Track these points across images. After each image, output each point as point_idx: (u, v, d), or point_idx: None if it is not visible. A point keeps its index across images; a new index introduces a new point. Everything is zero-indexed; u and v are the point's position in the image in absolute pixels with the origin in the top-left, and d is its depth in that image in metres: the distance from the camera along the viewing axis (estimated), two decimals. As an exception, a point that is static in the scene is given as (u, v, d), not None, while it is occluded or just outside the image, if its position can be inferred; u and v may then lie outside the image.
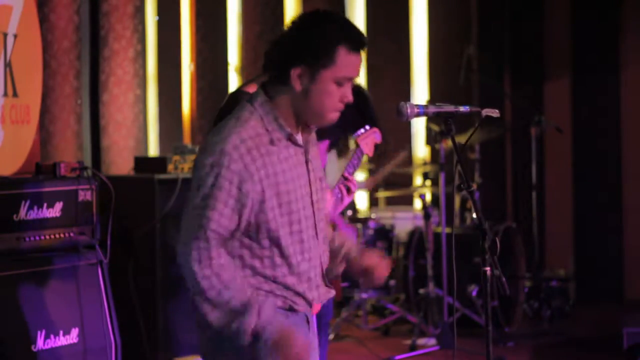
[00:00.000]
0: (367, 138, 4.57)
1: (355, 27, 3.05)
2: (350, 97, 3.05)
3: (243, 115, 3.02)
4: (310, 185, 3.11)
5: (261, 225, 2.99)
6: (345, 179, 4.34)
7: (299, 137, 3.10)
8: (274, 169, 2.99)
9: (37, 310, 4.30)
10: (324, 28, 2.99)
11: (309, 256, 3.10)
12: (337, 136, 5.44)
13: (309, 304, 3.15)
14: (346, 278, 7.63)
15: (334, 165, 6.14)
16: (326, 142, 5.13)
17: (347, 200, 4.34)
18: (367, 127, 4.65)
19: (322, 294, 3.19)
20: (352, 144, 4.75)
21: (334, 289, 3.31)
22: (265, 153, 2.99)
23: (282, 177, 3.01)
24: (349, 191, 4.31)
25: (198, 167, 2.99)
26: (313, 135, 3.19)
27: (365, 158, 5.97)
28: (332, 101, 3.02)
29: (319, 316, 5.33)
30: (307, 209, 3.09)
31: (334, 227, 5.89)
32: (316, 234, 3.13)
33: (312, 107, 3.02)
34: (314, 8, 3.13)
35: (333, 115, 3.06)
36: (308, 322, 3.19)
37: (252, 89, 4.11)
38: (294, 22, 3.05)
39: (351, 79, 3.04)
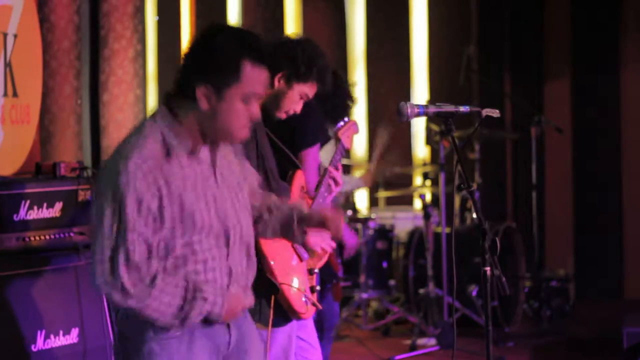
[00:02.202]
0: (347, 131, 4.57)
1: (259, 39, 2.95)
2: (258, 114, 2.95)
3: (144, 131, 2.92)
4: (220, 200, 3.00)
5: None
6: (331, 172, 4.35)
7: (204, 152, 2.99)
8: (172, 183, 2.90)
9: (37, 310, 4.30)
10: (227, 43, 2.89)
11: (212, 265, 2.99)
12: (326, 137, 5.43)
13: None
14: (347, 277, 7.63)
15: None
16: (317, 145, 5.13)
17: (336, 190, 4.35)
18: (346, 119, 4.65)
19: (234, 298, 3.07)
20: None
21: (336, 291, 3.32)
22: (166, 168, 2.89)
23: (178, 191, 2.91)
24: (337, 183, 4.33)
25: (100, 185, 2.92)
26: (226, 148, 3.09)
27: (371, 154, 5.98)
28: (240, 119, 2.92)
29: (321, 320, 5.32)
30: (212, 220, 2.98)
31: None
32: (227, 243, 3.02)
33: (220, 126, 2.92)
34: (315, 8, 3.14)
35: (242, 133, 2.96)
36: (228, 326, 3.08)
37: None
38: (196, 38, 2.95)
39: (257, 96, 2.94)
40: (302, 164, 5.12)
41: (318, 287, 3.98)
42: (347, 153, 4.69)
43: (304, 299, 3.81)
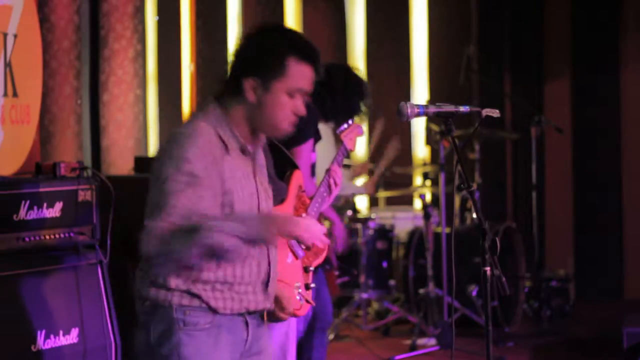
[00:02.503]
0: (351, 133, 4.61)
1: (306, 39, 3.12)
2: (302, 110, 3.11)
3: (196, 124, 3.05)
4: (257, 195, 3.15)
5: None
6: (330, 172, 4.36)
7: (250, 148, 3.15)
8: (226, 175, 3.03)
9: (37, 310, 4.30)
10: (275, 40, 3.07)
11: (249, 262, 3.11)
12: (319, 135, 5.44)
13: (248, 307, 3.14)
14: (345, 273, 7.63)
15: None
16: (311, 141, 5.14)
17: (335, 192, 4.37)
18: (350, 122, 4.68)
19: (260, 301, 3.17)
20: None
21: (331, 281, 3.36)
22: (219, 159, 3.03)
23: (231, 185, 3.05)
24: (336, 184, 4.35)
25: (158, 177, 3.02)
26: (261, 150, 3.25)
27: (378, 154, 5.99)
28: (285, 113, 3.09)
29: (314, 318, 5.30)
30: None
31: (329, 221, 5.89)
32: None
33: (265, 118, 3.08)
34: (315, 8, 3.19)
35: (286, 127, 3.12)
36: (247, 324, 3.16)
37: None
38: (245, 35, 3.14)
39: (302, 91, 3.10)
40: (297, 159, 5.14)
41: (313, 285, 4.00)
42: (348, 154, 4.71)
43: (298, 297, 3.82)
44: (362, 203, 9.04)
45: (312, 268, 4.02)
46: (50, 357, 4.31)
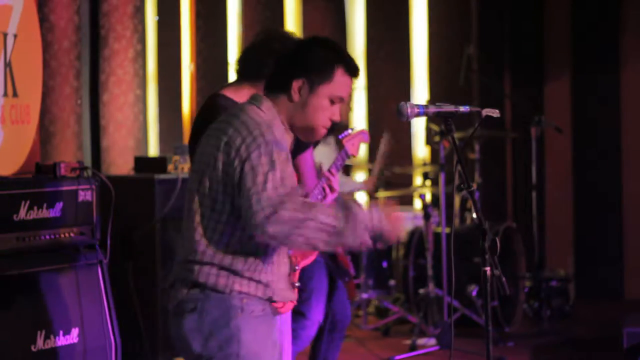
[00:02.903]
0: (354, 139, 4.64)
1: (353, 57, 3.35)
2: (338, 117, 3.29)
3: (261, 115, 3.22)
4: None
5: None
6: (328, 177, 4.38)
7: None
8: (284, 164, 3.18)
9: (37, 310, 4.30)
10: (327, 49, 3.31)
11: (283, 255, 3.31)
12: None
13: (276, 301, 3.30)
14: (356, 276, 7.62)
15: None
16: (311, 148, 5.16)
17: (330, 198, 4.38)
18: (356, 127, 4.73)
19: (287, 295, 3.34)
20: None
21: (350, 289, 3.46)
22: (282, 148, 3.19)
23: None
24: (332, 189, 4.37)
25: (252, 158, 3.11)
26: None
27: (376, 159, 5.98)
28: (324, 116, 3.27)
29: (334, 321, 5.32)
30: None
31: None
32: None
33: (306, 118, 3.27)
34: (315, 8, 3.26)
35: (321, 131, 3.30)
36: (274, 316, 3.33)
37: (229, 92, 4.13)
38: (299, 41, 3.45)
39: (342, 100, 3.28)
40: (298, 169, 5.14)
41: (298, 284, 4.01)
42: (350, 158, 4.72)
43: None
44: (362, 203, 9.03)
45: (297, 267, 4.04)
46: (50, 357, 4.32)
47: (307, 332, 5.20)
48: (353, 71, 3.31)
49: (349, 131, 4.69)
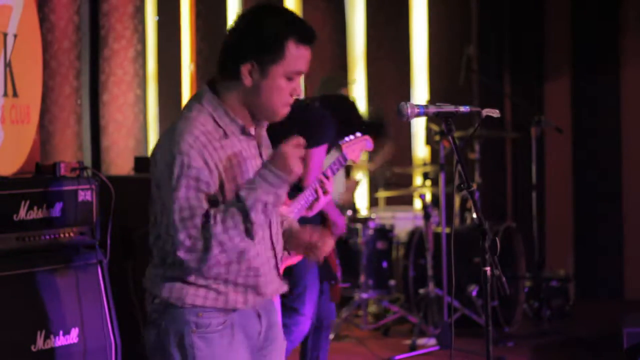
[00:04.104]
0: (354, 145, 4.61)
1: (303, 20, 3.04)
2: (299, 90, 3.05)
3: (191, 115, 2.99)
4: None
5: None
6: (321, 180, 4.36)
7: (252, 130, 3.08)
8: (230, 161, 2.97)
9: (37, 310, 4.30)
10: (272, 22, 2.97)
11: (260, 247, 3.07)
12: (333, 140, 5.48)
13: (261, 296, 3.09)
14: (347, 279, 7.63)
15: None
16: (325, 146, 5.16)
17: (323, 200, 4.36)
18: (358, 134, 4.68)
19: (274, 287, 3.14)
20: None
21: (335, 292, 3.36)
22: (219, 147, 2.96)
23: (237, 169, 2.99)
24: (325, 192, 4.34)
25: (159, 172, 2.95)
26: (264, 131, 3.18)
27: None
28: (282, 96, 3.00)
29: (320, 319, 5.36)
30: None
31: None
32: (269, 223, 3.10)
33: (262, 102, 3.00)
34: (315, 8, 3.18)
35: (283, 110, 3.04)
36: (259, 316, 3.13)
37: None
38: (240, 18, 3.03)
39: (300, 73, 3.02)
40: (307, 160, 5.16)
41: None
42: (348, 164, 4.71)
43: None
44: (362, 203, 9.04)
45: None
46: (50, 357, 4.31)
47: (300, 328, 5.22)
48: (307, 39, 3.00)
49: (351, 137, 4.66)
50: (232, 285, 3.01)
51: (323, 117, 5.28)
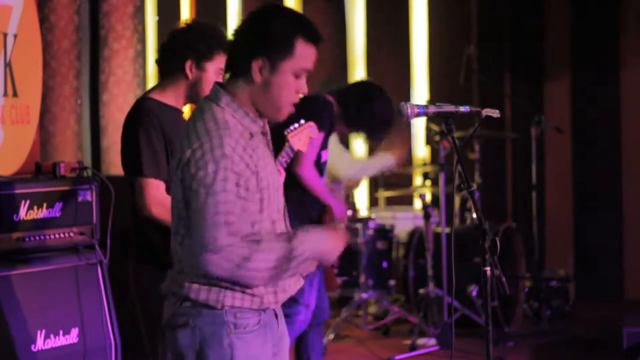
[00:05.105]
0: (300, 134, 4.52)
1: (310, 20, 3.11)
2: (305, 89, 3.09)
3: (218, 117, 3.01)
4: (276, 173, 3.15)
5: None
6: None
7: (266, 128, 3.13)
8: (258, 162, 3.00)
9: (37, 310, 4.30)
10: (281, 21, 3.05)
11: None
12: (331, 128, 5.48)
13: (286, 293, 3.14)
14: (344, 272, 7.63)
15: (341, 155, 6.13)
16: (322, 134, 5.17)
17: None
18: (302, 121, 4.59)
19: (296, 283, 3.18)
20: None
21: (330, 278, 3.37)
22: (251, 150, 3.00)
23: (262, 171, 3.02)
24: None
25: (199, 177, 2.93)
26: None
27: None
28: (290, 93, 3.05)
29: (313, 316, 5.36)
30: (276, 197, 3.11)
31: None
32: (284, 220, 3.15)
33: (271, 98, 3.05)
34: (315, 8, 3.19)
35: (289, 109, 3.08)
36: (277, 316, 3.17)
37: (156, 95, 4.10)
38: (249, 18, 3.09)
39: (307, 71, 3.08)
40: (299, 159, 5.15)
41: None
42: (295, 155, 4.63)
43: None
44: (362, 203, 9.04)
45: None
46: (50, 357, 4.31)
47: (301, 317, 5.22)
48: (314, 38, 3.07)
49: (295, 125, 4.56)
50: (264, 287, 3.05)
51: (324, 105, 5.30)
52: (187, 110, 4.40)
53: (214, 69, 4.05)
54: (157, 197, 3.92)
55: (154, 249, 3.96)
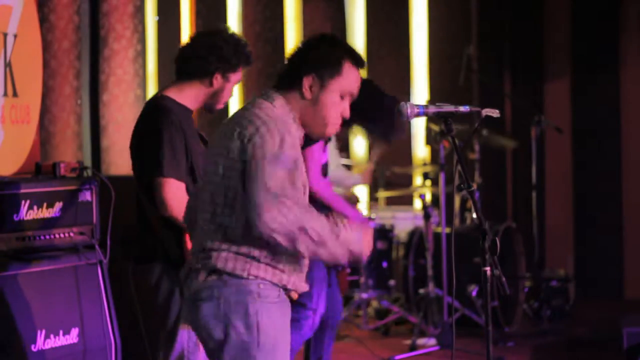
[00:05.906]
0: None
1: (356, 48, 3.43)
2: (348, 113, 3.32)
3: (274, 111, 3.26)
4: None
5: None
6: None
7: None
8: (300, 159, 3.25)
9: (37, 310, 4.30)
10: (333, 44, 3.38)
11: None
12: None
13: (301, 279, 3.35)
14: (355, 272, 7.62)
15: (335, 159, 6.14)
16: (321, 142, 5.16)
17: None
18: None
19: (302, 285, 3.36)
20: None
21: (342, 280, 3.45)
22: (298, 145, 3.26)
23: (302, 169, 3.26)
24: None
25: (266, 145, 3.15)
26: None
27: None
28: (335, 113, 3.32)
29: (325, 317, 5.34)
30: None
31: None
32: None
33: (318, 115, 3.31)
34: (315, 7, 3.27)
35: (333, 128, 3.34)
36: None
37: (172, 93, 4.13)
38: (304, 41, 3.42)
39: (351, 95, 3.34)
40: (306, 161, 5.14)
41: None
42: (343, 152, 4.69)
43: None
44: (361, 203, 9.04)
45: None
46: (50, 357, 4.32)
47: (309, 322, 5.21)
48: (359, 63, 3.37)
49: None
50: (288, 264, 3.24)
51: None
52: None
53: (235, 80, 4.14)
54: (178, 197, 3.94)
55: (166, 246, 4.00)
